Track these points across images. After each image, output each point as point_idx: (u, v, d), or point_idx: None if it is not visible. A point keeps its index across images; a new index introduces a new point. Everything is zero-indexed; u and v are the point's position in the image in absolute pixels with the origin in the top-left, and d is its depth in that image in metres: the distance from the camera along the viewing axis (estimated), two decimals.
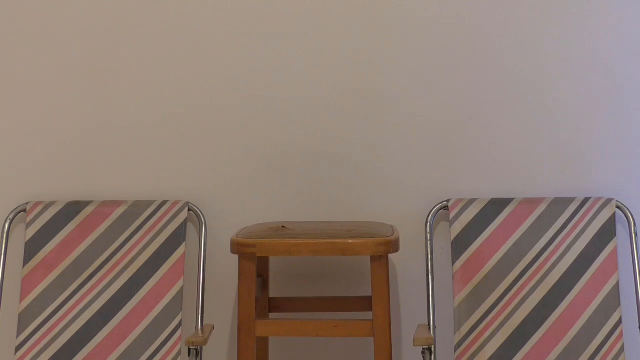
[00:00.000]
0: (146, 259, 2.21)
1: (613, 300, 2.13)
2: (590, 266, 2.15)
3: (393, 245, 1.97)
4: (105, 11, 2.32)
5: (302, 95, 2.30)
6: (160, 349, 2.14)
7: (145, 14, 2.32)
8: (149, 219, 2.24)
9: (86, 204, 2.26)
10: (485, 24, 2.28)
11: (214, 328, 2.19)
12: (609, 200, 2.20)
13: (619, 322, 2.12)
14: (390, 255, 1.98)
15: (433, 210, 2.26)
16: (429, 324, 2.18)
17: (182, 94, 2.33)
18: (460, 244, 2.20)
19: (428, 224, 2.24)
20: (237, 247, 1.98)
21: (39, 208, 2.25)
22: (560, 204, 2.21)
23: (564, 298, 2.14)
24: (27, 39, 2.32)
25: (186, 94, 2.33)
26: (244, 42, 2.31)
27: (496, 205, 2.22)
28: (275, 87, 2.31)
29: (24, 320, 2.16)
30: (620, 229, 2.21)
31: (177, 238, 2.22)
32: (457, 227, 2.21)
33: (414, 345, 1.98)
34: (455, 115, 2.30)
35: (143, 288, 2.19)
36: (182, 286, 2.19)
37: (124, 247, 2.22)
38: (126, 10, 2.32)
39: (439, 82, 2.29)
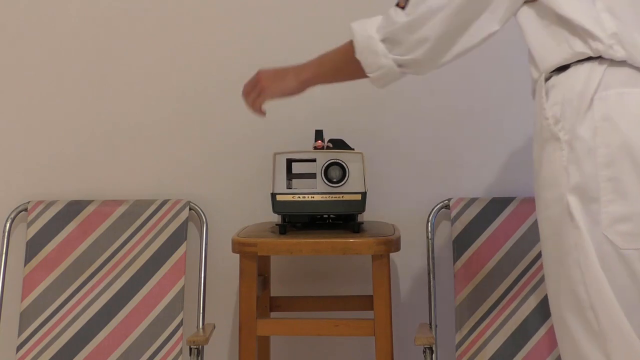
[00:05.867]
0: (147, 258, 2.21)
1: None
2: None
3: (394, 245, 1.97)
4: (105, 12, 2.32)
5: (302, 94, 2.30)
6: (162, 348, 2.14)
7: (145, 12, 2.32)
8: (150, 218, 2.24)
9: (87, 203, 2.26)
10: None
11: (215, 327, 2.19)
12: None
13: None
14: (391, 254, 1.97)
15: (434, 210, 2.26)
16: (430, 323, 2.18)
17: (183, 94, 2.33)
18: (461, 243, 2.20)
19: (429, 223, 2.24)
20: (238, 246, 1.97)
21: (40, 207, 2.25)
22: None
23: None
24: (27, 39, 2.32)
25: (187, 94, 2.33)
26: (244, 42, 2.31)
27: (497, 205, 2.22)
28: None
29: (25, 319, 2.17)
30: None
31: (178, 237, 2.22)
32: (458, 226, 2.21)
33: (415, 345, 1.98)
34: (456, 114, 2.30)
35: (144, 287, 2.19)
36: (183, 285, 2.19)
37: (125, 246, 2.22)
38: (125, 9, 2.32)
39: (440, 80, 2.29)
